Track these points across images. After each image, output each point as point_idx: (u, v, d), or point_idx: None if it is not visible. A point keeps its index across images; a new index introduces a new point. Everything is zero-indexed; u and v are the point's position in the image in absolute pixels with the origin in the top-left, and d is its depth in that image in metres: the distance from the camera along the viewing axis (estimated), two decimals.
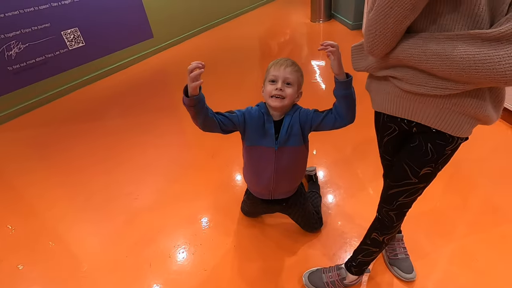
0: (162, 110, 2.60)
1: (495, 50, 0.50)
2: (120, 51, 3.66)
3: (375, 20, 0.59)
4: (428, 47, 0.56)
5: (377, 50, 0.63)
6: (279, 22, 5.22)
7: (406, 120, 0.71)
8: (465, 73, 0.53)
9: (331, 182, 1.58)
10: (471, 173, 1.49)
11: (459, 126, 0.64)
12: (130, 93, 3.06)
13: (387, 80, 0.69)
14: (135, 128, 2.35)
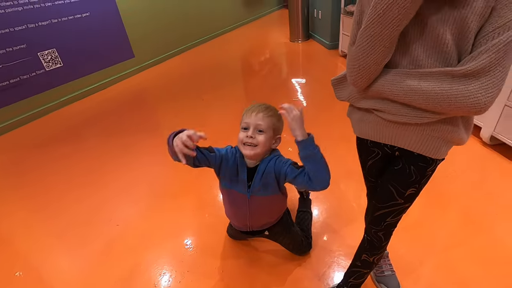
0: (143, 130, 2.55)
1: (464, 86, 0.55)
2: (100, 71, 3.62)
3: (358, 56, 0.64)
4: (406, 83, 0.61)
5: (360, 82, 0.67)
6: (260, 41, 5.38)
7: (389, 145, 0.75)
8: (440, 106, 0.58)
9: (315, 199, 1.60)
10: (447, 187, 1.56)
11: (438, 149, 0.69)
12: (110, 113, 3.01)
13: (369, 111, 0.73)
14: (115, 150, 2.29)
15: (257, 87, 3.41)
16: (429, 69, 0.60)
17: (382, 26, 0.58)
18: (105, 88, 3.68)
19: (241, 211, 1.09)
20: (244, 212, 1.08)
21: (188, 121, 2.60)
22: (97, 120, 2.90)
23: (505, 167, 1.62)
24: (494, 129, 1.67)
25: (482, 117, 1.74)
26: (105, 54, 3.65)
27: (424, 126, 0.66)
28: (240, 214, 1.11)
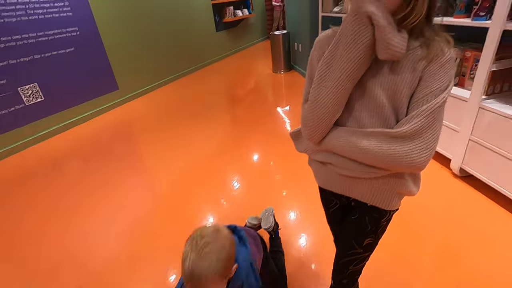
0: (124, 165, 2.52)
1: (401, 146, 0.59)
2: (82, 104, 3.62)
3: (311, 114, 0.68)
4: (351, 140, 0.64)
5: (313, 137, 0.71)
6: (244, 72, 5.54)
7: (345, 195, 0.78)
8: (381, 163, 0.62)
9: (291, 237, 1.59)
10: (421, 219, 1.58)
11: (389, 201, 0.72)
12: (92, 147, 2.97)
13: (324, 164, 0.76)
14: (94, 186, 2.24)
15: (243, 115, 3.48)
16: (370, 129, 0.64)
17: (327, 88, 0.63)
18: (87, 120, 3.66)
19: None
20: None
21: (171, 152, 2.60)
22: (78, 154, 2.85)
23: (474, 198, 1.67)
24: (462, 162, 1.75)
25: (451, 149, 1.82)
26: (89, 87, 3.67)
27: (374, 180, 0.69)
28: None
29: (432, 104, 0.58)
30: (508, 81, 1.64)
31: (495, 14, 1.40)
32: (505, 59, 1.56)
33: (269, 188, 2.03)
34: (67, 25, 3.32)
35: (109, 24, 3.83)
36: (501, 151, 1.49)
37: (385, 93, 0.62)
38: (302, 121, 0.72)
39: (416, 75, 0.59)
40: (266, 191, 2.00)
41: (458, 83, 1.84)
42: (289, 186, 2.01)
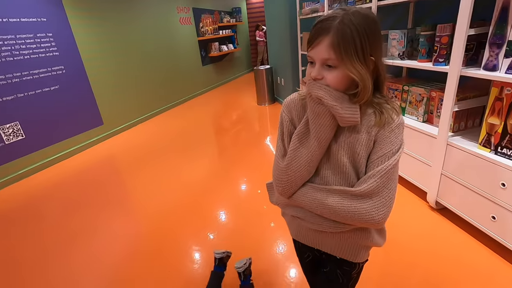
0: (106, 205, 2.47)
1: (361, 204, 0.63)
2: (66, 140, 3.58)
3: (285, 176, 0.73)
4: (316, 197, 0.69)
5: (285, 193, 0.75)
6: (229, 105, 5.68)
7: (315, 248, 0.80)
8: (344, 219, 0.66)
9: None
10: (401, 253, 1.61)
11: (356, 254, 0.75)
12: (73, 185, 2.90)
13: (294, 217, 0.80)
14: (73, 231, 2.16)
15: (229, 146, 3.53)
16: (334, 186, 0.69)
17: (302, 155, 0.70)
18: (70, 157, 3.61)
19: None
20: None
21: (155, 187, 2.57)
22: (58, 192, 2.77)
23: (450, 230, 1.72)
24: (437, 195, 1.82)
25: (427, 183, 1.90)
26: (72, 123, 3.66)
27: (341, 234, 0.73)
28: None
29: (385, 166, 0.64)
30: (471, 118, 1.77)
31: (452, 61, 1.55)
32: (466, 100, 1.70)
33: (257, 218, 2.03)
34: (53, 64, 3.38)
35: (95, 60, 3.92)
36: (469, 185, 1.57)
37: (346, 154, 0.68)
38: (276, 179, 0.76)
39: (370, 138, 0.67)
40: (254, 222, 2.00)
41: (428, 120, 1.97)
42: (277, 216, 2.01)
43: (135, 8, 4.64)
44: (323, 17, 0.63)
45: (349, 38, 0.59)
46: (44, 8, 3.25)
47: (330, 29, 0.60)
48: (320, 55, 0.62)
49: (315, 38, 0.62)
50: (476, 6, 1.41)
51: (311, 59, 0.65)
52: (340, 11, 0.61)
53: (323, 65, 0.63)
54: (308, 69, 0.67)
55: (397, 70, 2.44)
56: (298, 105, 0.75)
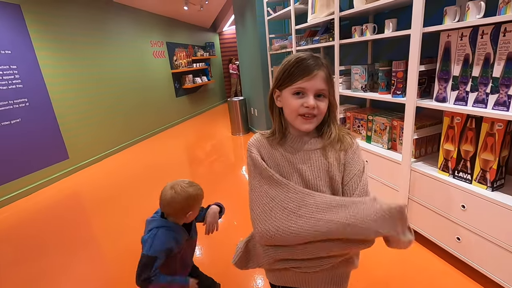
0: (69, 248, 2.25)
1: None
2: (28, 175, 3.33)
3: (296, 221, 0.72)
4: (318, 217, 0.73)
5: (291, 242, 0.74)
6: (204, 135, 5.67)
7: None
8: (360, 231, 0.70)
9: None
10: (378, 280, 1.62)
11: (342, 282, 0.81)
12: (29, 226, 2.64)
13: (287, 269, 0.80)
14: (31, 279, 1.94)
15: (204, 177, 3.46)
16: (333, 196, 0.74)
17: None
18: (31, 194, 3.34)
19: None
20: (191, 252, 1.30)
21: (123, 224, 2.41)
22: (11, 236, 2.51)
23: (421, 254, 1.76)
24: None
25: None
26: (34, 158, 3.43)
27: (329, 269, 0.76)
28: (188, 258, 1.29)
29: (363, 184, 0.76)
30: (431, 144, 1.91)
31: (408, 93, 1.70)
32: (424, 128, 1.84)
33: (233, 250, 1.94)
34: (15, 97, 3.22)
35: (63, 92, 3.81)
36: (434, 208, 1.66)
37: (325, 184, 0.75)
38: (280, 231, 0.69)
39: (341, 162, 0.76)
40: (230, 253, 1.91)
41: (392, 147, 2.09)
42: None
43: (108, 42, 4.66)
44: (309, 54, 0.73)
45: (331, 73, 0.76)
46: (8, 41, 3.16)
47: (322, 65, 0.73)
48: (317, 86, 0.72)
49: (311, 71, 0.71)
50: (425, 45, 1.59)
51: (301, 90, 0.72)
52: (311, 53, 0.73)
53: (315, 96, 0.73)
54: (297, 101, 0.73)
55: (361, 101, 2.62)
56: (266, 144, 0.80)
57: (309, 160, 0.76)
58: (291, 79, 0.72)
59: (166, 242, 1.07)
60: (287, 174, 0.76)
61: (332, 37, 2.30)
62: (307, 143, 0.78)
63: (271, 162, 0.78)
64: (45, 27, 3.58)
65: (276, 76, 0.77)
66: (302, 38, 2.87)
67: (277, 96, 0.79)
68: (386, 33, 1.83)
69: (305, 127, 0.74)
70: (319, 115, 0.74)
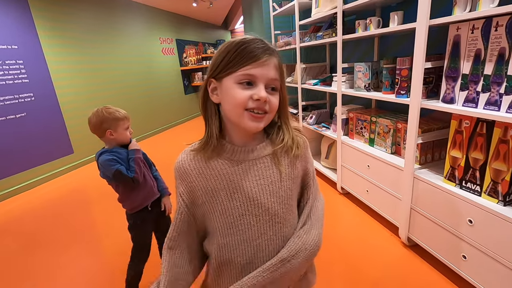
0: (71, 242, 2.21)
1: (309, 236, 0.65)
2: (32, 168, 3.38)
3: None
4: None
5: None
6: None
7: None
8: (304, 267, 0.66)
9: None
10: None
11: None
12: (34, 218, 2.65)
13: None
14: (30, 271, 1.93)
15: None
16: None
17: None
18: (34, 187, 3.38)
19: (145, 176, 1.50)
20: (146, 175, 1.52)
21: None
22: (14, 228, 2.52)
23: (422, 270, 1.60)
24: (408, 230, 1.73)
25: (398, 217, 1.81)
26: (39, 152, 3.47)
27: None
28: (147, 180, 1.52)
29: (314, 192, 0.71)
30: (437, 150, 1.74)
31: (412, 93, 1.54)
32: (430, 132, 1.67)
33: None
34: (21, 91, 3.26)
35: (69, 87, 3.84)
36: (438, 221, 1.49)
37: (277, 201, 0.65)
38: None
39: (295, 169, 0.67)
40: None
41: (396, 152, 1.93)
42: None
43: (116, 38, 4.67)
44: (256, 37, 0.58)
45: (281, 63, 0.61)
46: (16, 36, 3.20)
47: (273, 51, 0.58)
48: (269, 74, 0.57)
49: (261, 55, 0.55)
50: (433, 40, 1.43)
51: (249, 78, 0.56)
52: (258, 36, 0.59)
53: (266, 88, 0.58)
54: (243, 92, 0.56)
55: (366, 101, 2.45)
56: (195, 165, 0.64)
57: (256, 171, 0.62)
58: (236, 63, 0.55)
59: (110, 157, 1.36)
60: (225, 201, 0.62)
61: (335, 33, 2.16)
62: (252, 151, 0.63)
63: (201, 191, 0.63)
64: (52, 23, 3.61)
65: (212, 63, 0.59)
66: (306, 34, 2.73)
67: (213, 89, 0.61)
68: (391, 27, 1.68)
69: (253, 125, 0.58)
70: (270, 112, 0.59)
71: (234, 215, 0.61)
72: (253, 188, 0.61)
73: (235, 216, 0.61)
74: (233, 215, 0.61)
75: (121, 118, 1.38)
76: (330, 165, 2.74)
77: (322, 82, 2.65)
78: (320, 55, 3.15)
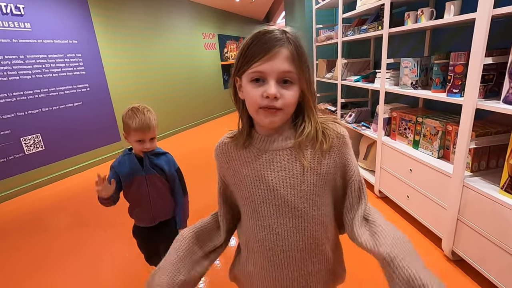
0: (113, 223, 2.41)
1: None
2: (84, 153, 3.72)
3: None
4: None
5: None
6: None
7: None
8: None
9: None
10: None
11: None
12: (84, 199, 2.93)
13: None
14: (77, 243, 2.15)
15: None
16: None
17: None
18: (85, 170, 3.72)
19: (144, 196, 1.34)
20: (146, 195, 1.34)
21: None
22: (69, 204, 2.81)
23: None
24: (453, 243, 1.57)
25: (441, 227, 1.65)
26: (91, 138, 3.81)
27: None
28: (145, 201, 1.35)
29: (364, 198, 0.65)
30: (494, 157, 1.55)
31: (467, 93, 1.38)
32: (487, 136, 1.49)
33: None
34: (78, 82, 3.59)
35: (119, 80, 4.14)
36: (490, 236, 1.33)
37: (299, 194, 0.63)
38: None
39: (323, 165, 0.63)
40: None
41: (444, 156, 1.76)
42: None
43: (163, 33, 4.92)
44: (274, 28, 0.57)
45: (303, 52, 0.57)
46: (76, 31, 3.52)
47: (284, 40, 0.55)
48: (278, 67, 0.54)
49: (269, 49, 0.54)
50: (495, 33, 1.26)
51: (259, 75, 0.56)
52: (272, 27, 0.57)
53: (278, 82, 0.56)
54: (256, 90, 0.56)
55: (412, 100, 2.27)
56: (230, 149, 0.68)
57: (278, 162, 0.61)
58: (247, 61, 0.56)
59: (116, 161, 1.33)
60: (249, 186, 0.63)
61: (381, 25, 2.02)
62: (274, 141, 0.62)
63: (232, 174, 0.67)
64: (107, 20, 3.90)
65: (235, 61, 0.60)
66: (350, 28, 2.60)
67: (239, 86, 0.62)
68: (446, 18, 1.51)
69: (267, 120, 0.57)
70: (285, 107, 0.57)
71: (256, 201, 0.63)
72: (274, 178, 0.61)
73: (257, 203, 0.63)
74: (256, 201, 0.63)
75: (132, 128, 1.21)
76: (368, 167, 2.60)
77: (364, 79, 2.51)
78: (363, 50, 2.98)
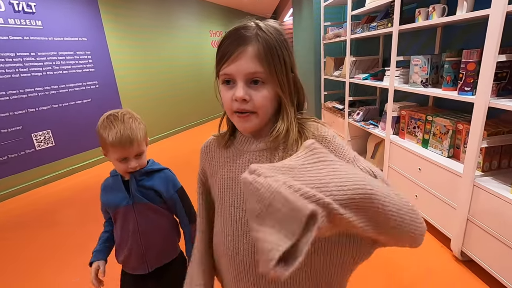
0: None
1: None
2: (93, 149, 3.77)
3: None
4: None
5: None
6: None
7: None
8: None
9: None
10: None
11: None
12: (91, 194, 2.98)
13: None
14: (87, 239, 2.19)
15: None
16: None
17: None
18: (95, 165, 3.77)
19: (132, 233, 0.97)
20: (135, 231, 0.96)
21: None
22: (77, 200, 2.86)
23: None
24: (462, 244, 1.55)
25: (450, 227, 1.64)
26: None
27: None
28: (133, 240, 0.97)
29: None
30: (506, 157, 1.52)
31: (479, 91, 1.36)
32: (499, 135, 1.47)
33: None
34: (88, 79, 3.64)
35: (127, 77, 4.18)
36: (501, 237, 1.31)
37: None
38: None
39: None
40: None
41: (454, 155, 1.74)
42: None
43: (170, 31, 4.94)
44: (235, 27, 0.54)
45: (275, 47, 0.52)
46: (86, 29, 3.56)
47: (251, 38, 0.51)
48: (244, 68, 0.51)
49: (233, 50, 0.51)
50: (510, 30, 1.24)
51: (228, 77, 0.54)
52: (250, 21, 0.53)
53: (247, 83, 0.53)
54: (226, 93, 0.54)
55: (422, 98, 2.24)
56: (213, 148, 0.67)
57: (251, 164, 0.55)
58: (219, 62, 0.54)
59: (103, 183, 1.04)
60: (222, 188, 0.60)
61: (390, 23, 2.00)
62: (254, 143, 0.59)
63: (210, 174, 0.65)
64: (116, 17, 3.94)
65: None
66: (358, 25, 2.57)
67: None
68: (459, 14, 1.49)
69: (240, 126, 0.56)
70: (257, 109, 0.53)
71: (224, 204, 0.60)
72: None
73: (225, 206, 0.59)
74: (224, 204, 0.60)
75: (109, 142, 0.92)
76: (376, 166, 2.58)
77: (373, 77, 2.48)
78: (372, 47, 2.95)
